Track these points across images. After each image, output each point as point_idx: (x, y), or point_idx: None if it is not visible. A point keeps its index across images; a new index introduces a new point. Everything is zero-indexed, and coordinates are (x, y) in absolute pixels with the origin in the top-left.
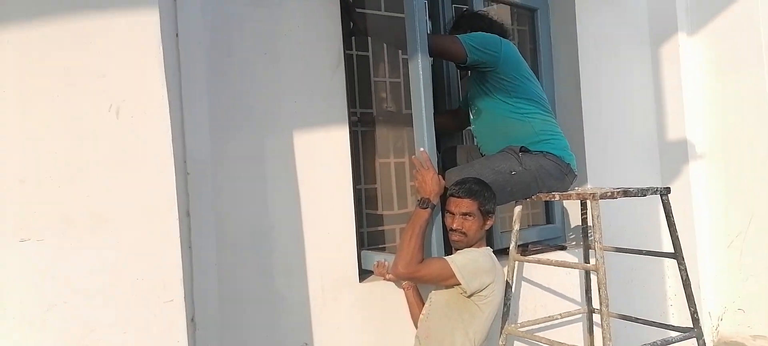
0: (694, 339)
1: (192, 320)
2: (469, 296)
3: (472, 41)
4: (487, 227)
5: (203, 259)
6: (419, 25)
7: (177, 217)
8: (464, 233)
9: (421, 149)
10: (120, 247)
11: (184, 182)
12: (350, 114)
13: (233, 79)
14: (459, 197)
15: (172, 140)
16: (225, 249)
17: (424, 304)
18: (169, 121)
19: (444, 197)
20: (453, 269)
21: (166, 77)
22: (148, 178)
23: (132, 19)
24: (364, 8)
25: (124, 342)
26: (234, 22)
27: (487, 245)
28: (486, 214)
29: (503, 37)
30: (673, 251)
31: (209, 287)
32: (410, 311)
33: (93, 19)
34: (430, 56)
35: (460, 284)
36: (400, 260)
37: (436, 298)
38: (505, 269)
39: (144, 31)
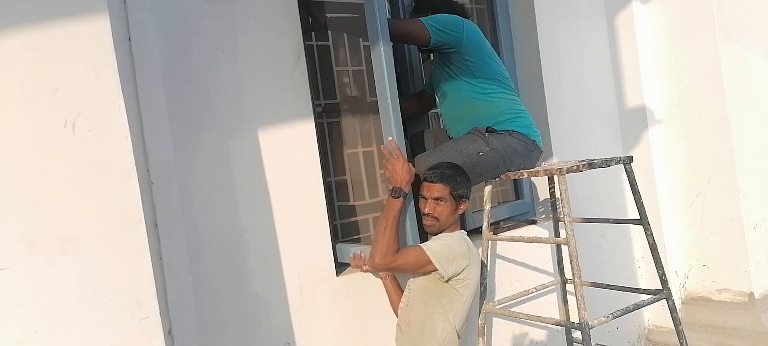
0: (664, 300)
1: (169, 333)
2: (447, 281)
3: (435, 23)
4: (460, 212)
5: (176, 269)
6: (379, 11)
7: (145, 229)
8: (436, 218)
9: (390, 138)
10: (88, 267)
11: (150, 192)
12: (315, 106)
13: (192, 81)
14: (431, 182)
15: (133, 150)
16: (197, 256)
17: (402, 292)
18: (129, 131)
19: (416, 184)
20: (429, 256)
21: (121, 85)
22: (112, 192)
23: (81, 27)
24: (322, 2)
25: None
26: (189, 20)
27: (461, 228)
28: (459, 198)
29: (464, 17)
30: (638, 218)
31: (184, 298)
32: (389, 299)
33: (42, 30)
34: (393, 41)
35: (437, 270)
36: (376, 252)
37: (415, 285)
38: (480, 250)
39: (95, 39)
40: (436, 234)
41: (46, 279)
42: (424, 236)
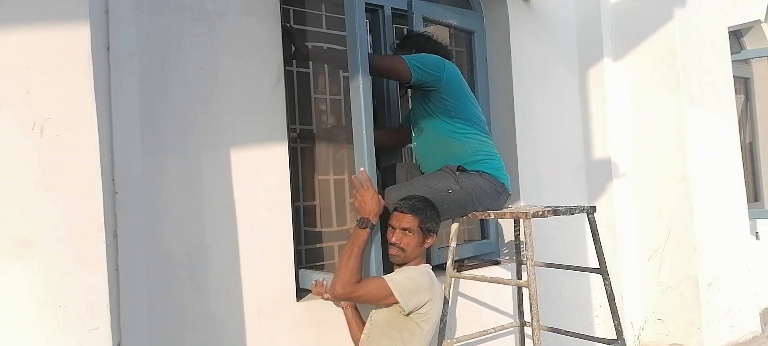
0: None
1: (119, 345)
2: (408, 314)
3: (417, 62)
4: (426, 246)
5: (131, 281)
6: (361, 45)
7: (104, 239)
8: (402, 249)
9: (362, 169)
10: (44, 272)
11: (113, 201)
12: (290, 130)
13: (169, 95)
14: (402, 212)
15: (101, 159)
16: (156, 270)
17: (363, 322)
18: (98, 139)
19: (385, 216)
20: (391, 288)
21: (95, 93)
22: (75, 199)
23: (61, 32)
24: (304, 27)
25: None
26: (170, 36)
27: (426, 262)
28: (426, 232)
29: (446, 59)
30: (598, 267)
31: (138, 311)
32: (349, 330)
33: (19, 31)
34: (374, 75)
35: (398, 303)
36: (338, 281)
37: (377, 317)
38: (442, 286)
39: (73, 45)
40: (401, 266)
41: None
42: (388, 269)
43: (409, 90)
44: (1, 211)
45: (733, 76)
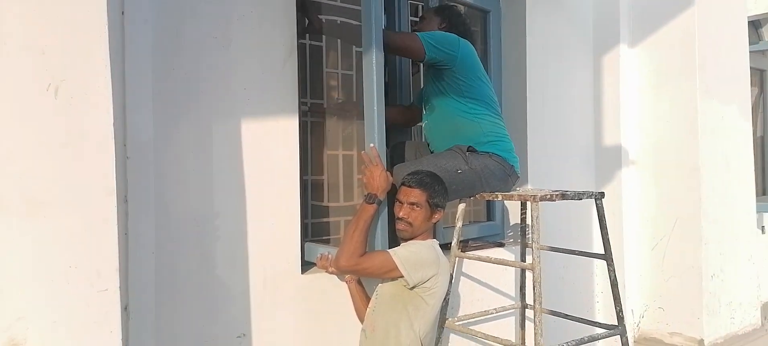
0: (619, 336)
1: (126, 309)
2: (412, 288)
3: (432, 39)
4: (433, 221)
5: (140, 246)
6: (375, 21)
7: (115, 202)
8: (410, 223)
9: (372, 145)
10: (54, 233)
11: (124, 166)
12: (301, 104)
13: (181, 62)
14: (409, 186)
15: (113, 123)
16: (164, 236)
17: (366, 296)
18: (111, 102)
19: (391, 194)
20: (395, 261)
21: (109, 56)
22: (87, 161)
23: None
24: (320, 4)
25: (53, 331)
26: (184, 3)
27: (433, 238)
28: (434, 207)
29: (470, 39)
30: (603, 253)
31: (145, 276)
32: (353, 303)
33: None
34: (388, 53)
35: (402, 276)
36: (343, 253)
37: (383, 291)
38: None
39: (89, 8)
40: (407, 240)
41: (11, 239)
42: (393, 245)
43: (422, 67)
44: (14, 170)
45: (749, 68)
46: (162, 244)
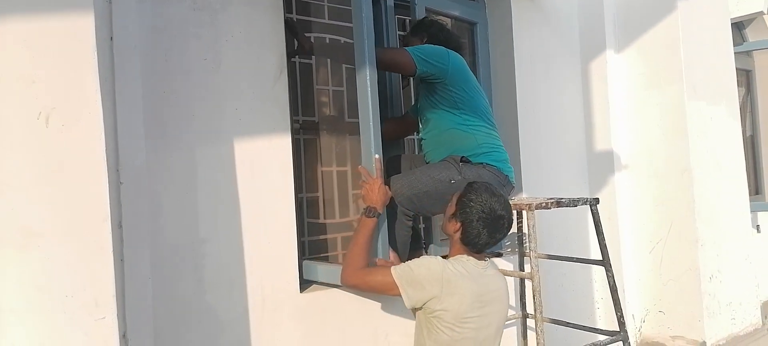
0: (621, 342)
1: (124, 336)
2: (419, 309)
3: (421, 53)
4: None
5: (136, 272)
6: (367, 37)
7: (110, 229)
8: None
9: (376, 156)
10: (49, 262)
11: (117, 191)
12: (293, 121)
13: (172, 85)
14: None
15: (105, 149)
16: (160, 261)
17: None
18: (103, 129)
19: (389, 207)
20: (393, 276)
21: (99, 83)
22: (80, 188)
23: (65, 22)
24: (307, 18)
25: None
26: (173, 25)
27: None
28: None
29: (458, 49)
30: (601, 259)
31: (143, 302)
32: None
33: (24, 21)
34: (379, 69)
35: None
36: (345, 270)
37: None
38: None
39: (78, 35)
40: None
41: (5, 272)
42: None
43: (412, 81)
44: (7, 201)
45: (735, 68)
46: (158, 269)
